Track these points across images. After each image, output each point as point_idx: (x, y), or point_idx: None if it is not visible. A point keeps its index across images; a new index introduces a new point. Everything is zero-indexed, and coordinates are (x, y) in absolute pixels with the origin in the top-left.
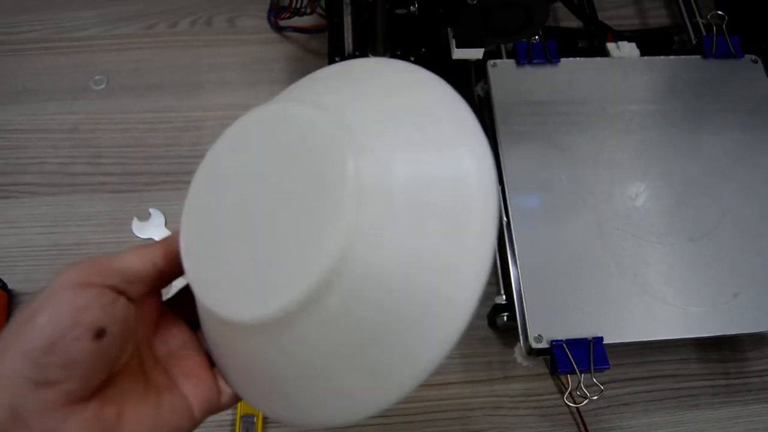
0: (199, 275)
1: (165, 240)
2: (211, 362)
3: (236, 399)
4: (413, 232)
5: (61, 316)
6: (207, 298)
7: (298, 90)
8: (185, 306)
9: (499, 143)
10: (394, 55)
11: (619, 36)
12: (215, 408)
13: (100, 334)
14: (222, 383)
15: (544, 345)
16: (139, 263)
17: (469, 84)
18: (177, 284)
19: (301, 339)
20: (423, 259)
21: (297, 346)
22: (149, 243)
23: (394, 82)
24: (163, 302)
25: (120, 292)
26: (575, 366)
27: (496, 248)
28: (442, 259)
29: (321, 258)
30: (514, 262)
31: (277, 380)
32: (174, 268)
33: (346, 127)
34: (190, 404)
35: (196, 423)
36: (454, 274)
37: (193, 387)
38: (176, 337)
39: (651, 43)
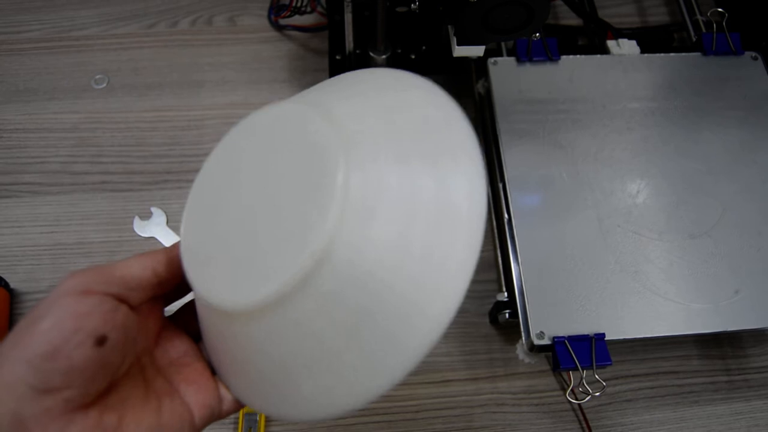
0: (196, 270)
1: (167, 248)
2: (213, 371)
3: (237, 406)
4: (397, 241)
5: (62, 322)
6: (205, 291)
7: (309, 94)
8: (188, 320)
9: (499, 141)
10: (394, 53)
11: (619, 33)
12: (216, 415)
13: (101, 341)
14: (223, 390)
15: (546, 342)
16: (140, 270)
17: (470, 81)
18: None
19: (294, 323)
20: (403, 269)
21: (291, 331)
22: (151, 250)
23: (401, 94)
24: (167, 317)
25: (121, 299)
26: (577, 362)
27: (498, 249)
28: (421, 272)
29: (307, 249)
30: (516, 259)
31: (274, 373)
32: (175, 275)
33: (345, 132)
34: (191, 410)
35: (197, 430)
36: (431, 290)
37: (193, 393)
38: (177, 347)
39: (651, 40)
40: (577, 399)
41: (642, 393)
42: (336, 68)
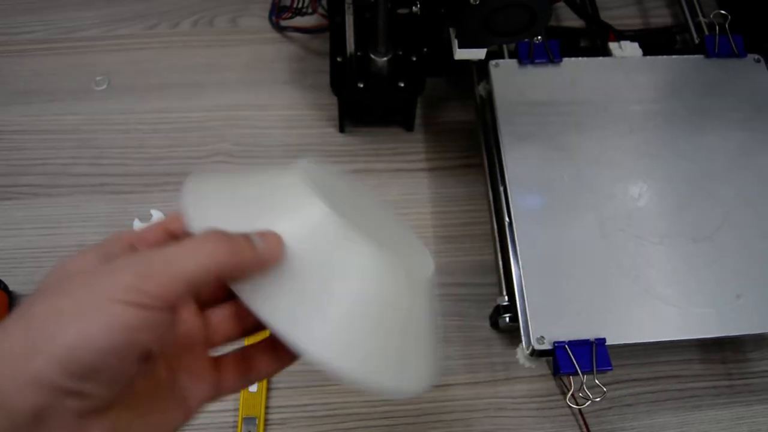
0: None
1: (234, 239)
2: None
3: (239, 387)
4: None
5: (112, 334)
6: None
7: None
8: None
9: (501, 143)
10: (395, 56)
11: (621, 35)
12: (214, 399)
13: (147, 357)
14: (223, 372)
15: (546, 346)
16: (203, 274)
17: (471, 84)
18: None
19: None
20: None
21: None
22: (211, 239)
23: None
24: None
25: (173, 308)
26: (578, 367)
27: (499, 252)
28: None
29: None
30: (516, 262)
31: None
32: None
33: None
34: (189, 406)
35: (192, 415)
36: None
37: (191, 382)
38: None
39: (653, 42)
40: (577, 404)
41: (643, 397)
42: (337, 70)
